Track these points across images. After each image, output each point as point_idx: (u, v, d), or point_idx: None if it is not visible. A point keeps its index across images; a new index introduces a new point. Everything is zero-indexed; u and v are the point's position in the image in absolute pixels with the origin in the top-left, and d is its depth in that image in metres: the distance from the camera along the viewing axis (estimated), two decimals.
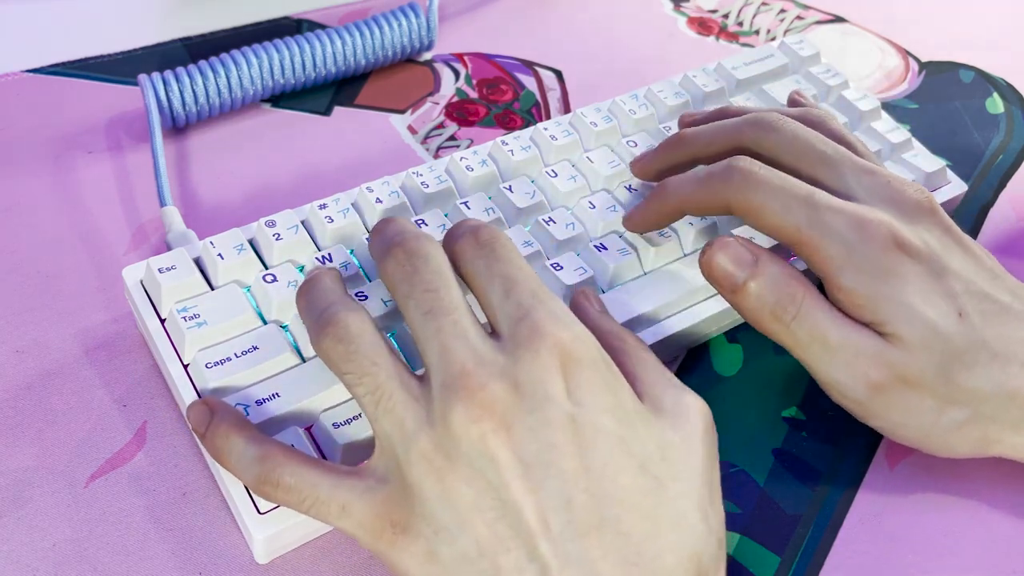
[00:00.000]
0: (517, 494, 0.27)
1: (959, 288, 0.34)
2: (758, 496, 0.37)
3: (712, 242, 0.35)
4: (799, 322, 0.34)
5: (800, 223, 0.34)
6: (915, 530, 0.37)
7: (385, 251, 0.32)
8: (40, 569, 0.33)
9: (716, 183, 0.36)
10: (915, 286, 0.34)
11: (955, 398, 0.34)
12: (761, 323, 0.35)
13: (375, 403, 0.29)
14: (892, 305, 0.34)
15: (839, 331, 0.34)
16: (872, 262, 0.34)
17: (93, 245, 0.43)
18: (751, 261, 0.35)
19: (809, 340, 0.34)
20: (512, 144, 0.43)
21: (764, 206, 0.35)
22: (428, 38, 0.52)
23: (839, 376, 0.34)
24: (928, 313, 0.34)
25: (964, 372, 0.34)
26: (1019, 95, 0.55)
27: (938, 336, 0.33)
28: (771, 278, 0.34)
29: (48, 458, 0.36)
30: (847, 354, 0.34)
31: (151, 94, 0.46)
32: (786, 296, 0.34)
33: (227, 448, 0.31)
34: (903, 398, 0.34)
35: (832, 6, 0.60)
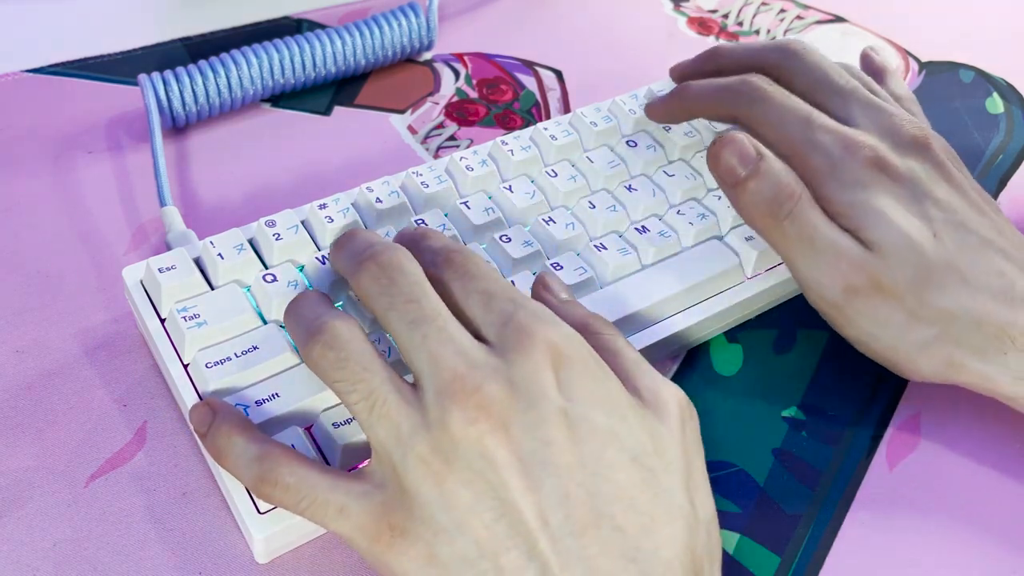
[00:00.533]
0: (516, 493, 0.28)
1: (937, 214, 0.36)
2: (758, 496, 0.37)
3: (719, 138, 0.37)
4: (791, 220, 0.36)
5: (794, 137, 0.37)
6: (915, 530, 0.37)
7: (357, 266, 0.32)
8: (40, 569, 0.33)
9: (729, 92, 0.40)
10: (892, 200, 0.36)
11: (924, 315, 0.35)
12: (754, 218, 0.37)
13: (369, 409, 0.29)
14: (867, 212, 0.35)
15: (826, 233, 0.36)
16: (853, 175, 0.36)
17: (93, 245, 0.43)
18: (754, 158, 0.36)
19: (797, 238, 0.36)
20: (512, 144, 0.43)
21: (765, 119, 0.38)
22: (428, 38, 0.52)
23: (820, 276, 0.36)
24: (904, 226, 0.35)
25: (934, 291, 0.35)
26: (1019, 95, 0.55)
27: (912, 248, 0.35)
28: (771, 175, 0.36)
29: (48, 458, 0.36)
30: (830, 255, 0.35)
31: (151, 94, 0.46)
32: (784, 193, 0.36)
33: (228, 448, 0.31)
34: (876, 307, 0.35)
35: (832, 6, 0.60)
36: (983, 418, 0.40)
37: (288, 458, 0.30)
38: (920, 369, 0.36)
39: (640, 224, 0.41)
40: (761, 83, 0.39)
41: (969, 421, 0.40)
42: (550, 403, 0.29)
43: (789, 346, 0.42)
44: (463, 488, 0.28)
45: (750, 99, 0.39)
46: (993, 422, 0.39)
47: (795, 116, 0.38)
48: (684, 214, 0.42)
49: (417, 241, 0.34)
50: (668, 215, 0.42)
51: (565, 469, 0.28)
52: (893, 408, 0.40)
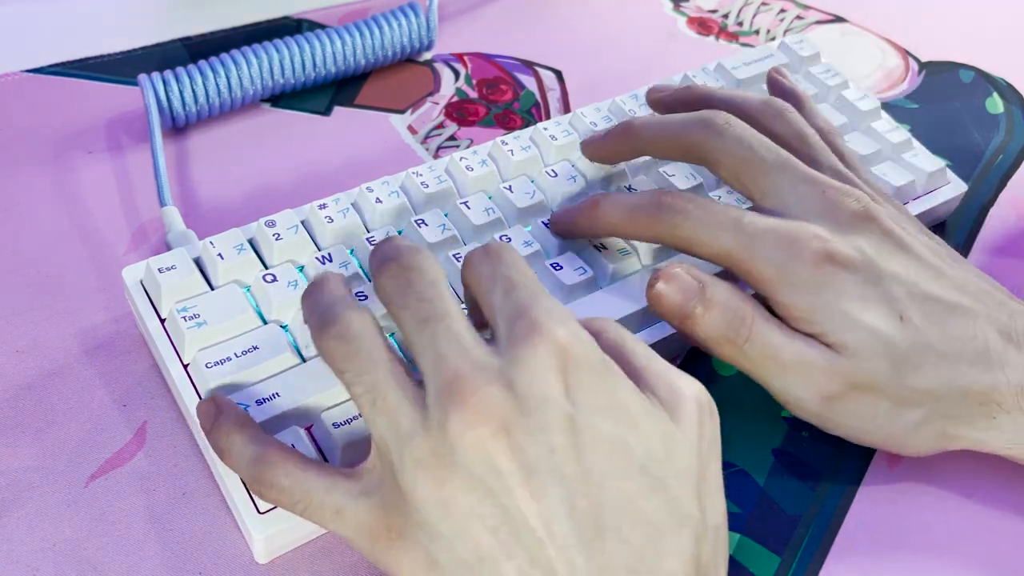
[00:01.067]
0: (521, 500, 0.27)
1: (899, 292, 0.35)
2: (758, 496, 0.37)
3: (656, 274, 0.35)
4: (751, 344, 0.34)
5: (730, 248, 0.35)
6: (915, 530, 0.37)
7: (380, 266, 0.32)
8: (40, 569, 0.33)
9: (644, 218, 0.37)
10: (851, 294, 0.34)
11: (909, 399, 0.34)
12: (715, 348, 0.35)
13: (371, 402, 0.29)
14: (830, 315, 0.34)
15: (790, 347, 0.34)
16: (804, 277, 0.34)
17: (93, 245, 0.43)
18: (697, 289, 0.35)
19: (762, 359, 0.35)
20: (512, 144, 0.43)
21: (693, 238, 0.36)
22: (428, 38, 0.52)
23: (795, 391, 0.35)
24: (867, 319, 0.34)
25: (913, 374, 0.34)
26: (1019, 95, 0.55)
27: (881, 340, 0.34)
28: (719, 304, 0.34)
29: (48, 458, 0.36)
30: (800, 369, 0.34)
31: (151, 94, 0.46)
32: (736, 320, 0.34)
33: (228, 447, 0.31)
34: (859, 405, 0.35)
35: (832, 6, 0.60)
36: None
37: (284, 459, 0.30)
38: (917, 448, 0.36)
39: None
40: (674, 200, 0.36)
41: None
42: (555, 408, 0.28)
43: None
44: (461, 494, 0.27)
45: (670, 220, 0.36)
46: None
47: (723, 226, 0.35)
48: None
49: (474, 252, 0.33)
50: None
51: (571, 479, 0.27)
52: None
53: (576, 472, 0.27)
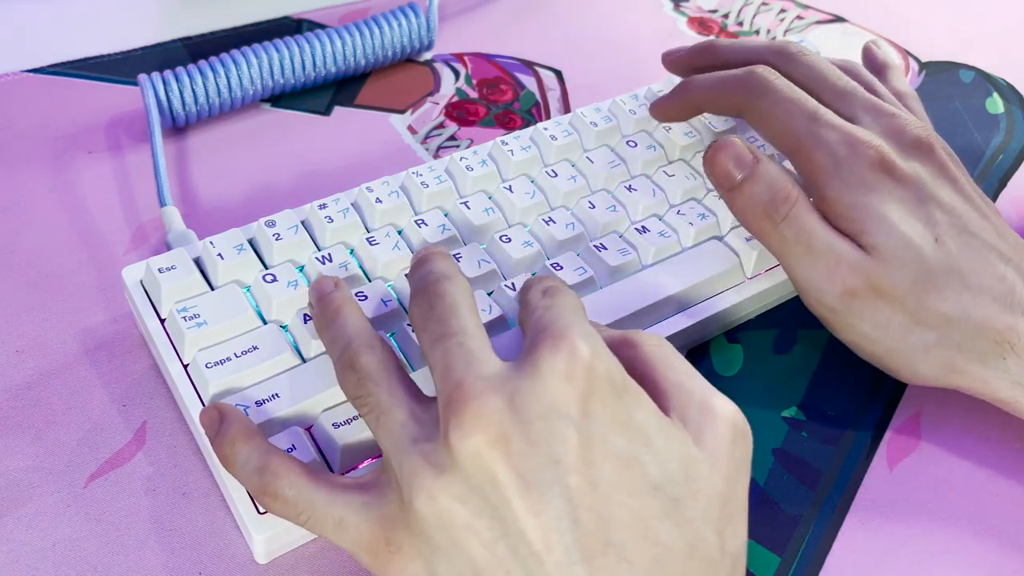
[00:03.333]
0: (519, 513, 0.26)
1: (940, 217, 0.36)
2: (758, 496, 0.37)
3: (715, 143, 0.37)
4: (788, 223, 0.36)
5: (799, 132, 0.37)
6: (915, 530, 0.37)
7: (412, 295, 0.32)
8: (40, 569, 0.33)
9: (734, 85, 0.39)
10: (896, 204, 0.35)
11: (924, 319, 0.35)
12: (751, 221, 0.36)
13: (376, 420, 0.30)
14: (871, 215, 0.35)
15: (823, 236, 0.35)
16: (857, 176, 0.35)
17: (93, 245, 0.43)
18: (751, 161, 0.36)
19: (794, 241, 0.36)
20: (512, 144, 0.43)
21: (770, 113, 0.37)
22: (428, 38, 0.52)
23: (817, 280, 0.35)
24: (904, 228, 0.35)
25: (935, 294, 0.35)
26: (1019, 95, 0.55)
27: (912, 252, 0.35)
28: (768, 178, 0.36)
29: (48, 458, 0.36)
30: (827, 259, 0.35)
31: (151, 94, 0.46)
32: (780, 196, 0.36)
33: (232, 456, 0.31)
34: (875, 309, 0.35)
35: (832, 6, 0.60)
36: (983, 418, 0.40)
37: (288, 470, 0.30)
38: (919, 373, 0.36)
39: (640, 224, 0.41)
40: (767, 75, 0.38)
41: (969, 421, 0.40)
42: (562, 418, 0.27)
43: (789, 346, 0.42)
44: (459, 504, 0.27)
45: (757, 91, 0.38)
46: (993, 422, 0.39)
47: (801, 110, 0.37)
48: (684, 214, 0.42)
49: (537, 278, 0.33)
50: (668, 215, 0.42)
51: (575, 491, 0.26)
52: (893, 408, 0.40)
53: (581, 484, 0.26)
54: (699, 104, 0.42)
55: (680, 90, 0.42)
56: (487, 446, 0.26)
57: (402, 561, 0.28)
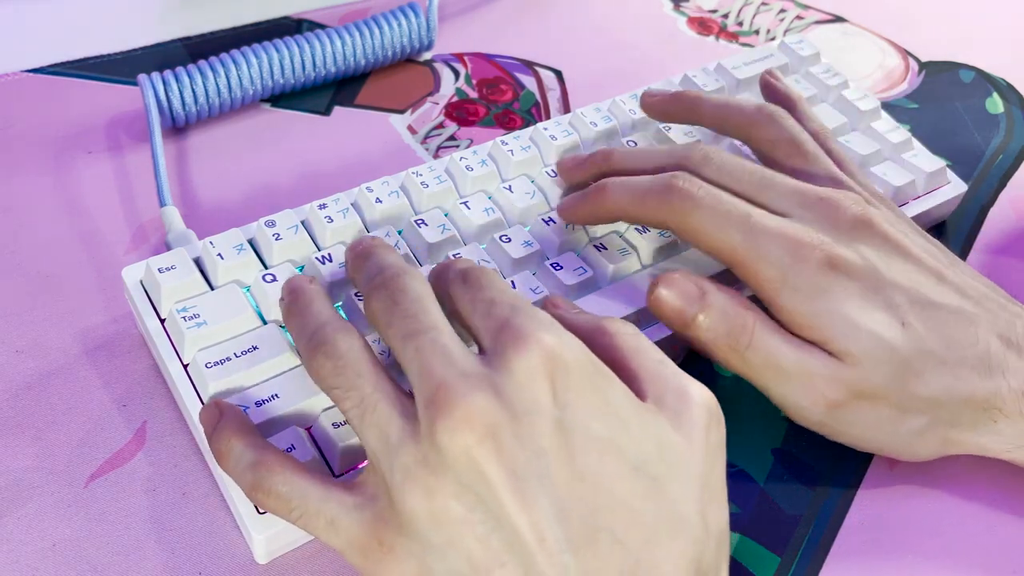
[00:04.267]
0: (510, 507, 0.26)
1: (900, 299, 0.34)
2: (758, 496, 0.37)
3: (657, 279, 0.35)
4: (753, 350, 0.34)
5: (736, 245, 0.35)
6: (915, 530, 0.37)
7: (369, 292, 0.32)
8: (40, 569, 0.33)
9: (654, 201, 0.36)
10: (853, 302, 0.34)
11: (911, 406, 0.34)
12: (716, 354, 0.35)
13: (360, 416, 0.29)
14: (833, 321, 0.34)
15: (792, 354, 0.34)
16: (808, 282, 0.34)
17: (93, 245, 0.43)
18: (698, 295, 0.34)
19: (764, 366, 0.34)
20: (512, 144, 0.43)
21: (701, 229, 0.35)
22: (428, 38, 0.52)
23: (797, 399, 0.35)
24: (870, 325, 0.34)
25: (915, 380, 0.34)
26: (1019, 95, 0.55)
27: (884, 347, 0.34)
28: (720, 310, 0.34)
29: (48, 458, 0.36)
30: (802, 377, 0.34)
31: (151, 94, 0.46)
32: (737, 326, 0.34)
33: (227, 451, 0.31)
34: (861, 412, 0.34)
35: (832, 6, 0.60)
36: None
37: (282, 466, 0.30)
38: (921, 454, 0.36)
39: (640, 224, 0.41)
40: (688, 185, 0.35)
41: None
42: (542, 413, 0.27)
43: None
44: (453, 502, 0.27)
45: (681, 207, 0.35)
46: None
47: (733, 222, 0.35)
48: None
49: (445, 266, 0.34)
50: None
51: (562, 483, 0.27)
52: None
53: (567, 475, 0.27)
54: (616, 216, 0.38)
55: (594, 198, 0.38)
56: (476, 444, 0.27)
57: (394, 561, 0.28)
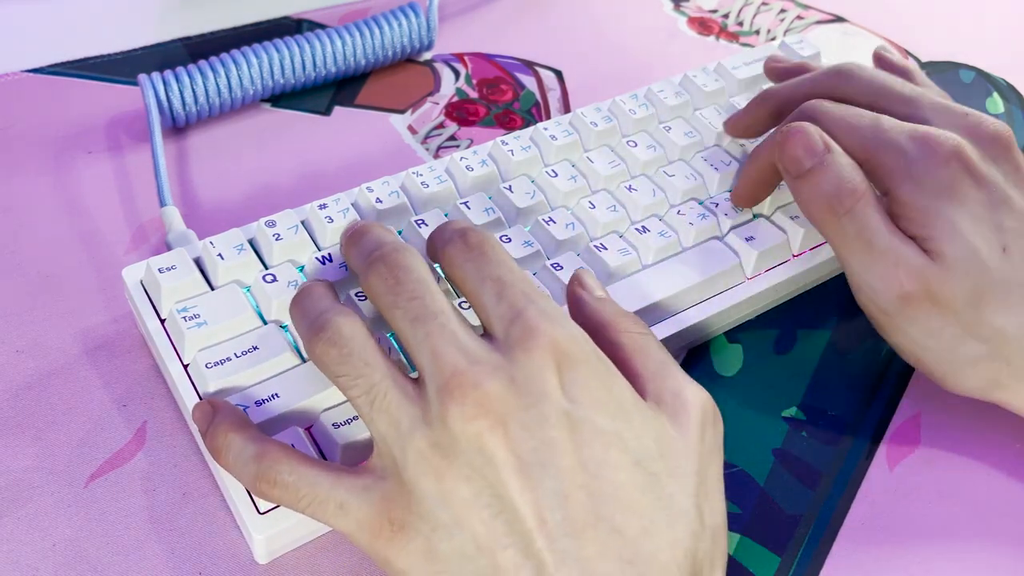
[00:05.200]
0: (514, 491, 0.27)
1: (1011, 225, 0.35)
2: (758, 496, 0.37)
3: (790, 126, 0.36)
4: (851, 217, 0.35)
5: (865, 138, 0.36)
6: (915, 530, 0.37)
7: (366, 267, 0.32)
8: (40, 569, 0.33)
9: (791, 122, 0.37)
10: (968, 209, 0.34)
11: (978, 331, 0.34)
12: (815, 212, 0.36)
13: (370, 403, 0.29)
14: (941, 221, 0.34)
15: (885, 236, 0.34)
16: (932, 175, 0.34)
17: (93, 245, 0.43)
18: (821, 150, 0.35)
19: (855, 237, 0.35)
20: (512, 144, 0.43)
21: (831, 132, 0.36)
22: (428, 38, 0.52)
23: (874, 280, 0.35)
24: (973, 238, 0.34)
25: (993, 307, 0.34)
26: (1019, 95, 0.55)
27: (977, 263, 0.34)
28: (836, 169, 0.35)
29: (48, 458, 0.36)
30: (888, 260, 0.34)
31: (151, 94, 0.46)
32: (846, 189, 0.35)
33: (225, 446, 0.31)
34: (929, 317, 0.34)
35: (832, 6, 0.60)
36: (983, 418, 0.40)
37: (287, 456, 0.30)
38: (964, 384, 0.35)
39: (640, 224, 0.41)
40: (816, 103, 0.38)
41: (969, 421, 0.40)
42: (552, 403, 0.28)
43: (789, 346, 0.42)
44: (462, 484, 0.28)
45: (812, 118, 0.37)
46: (992, 423, 0.39)
47: (864, 121, 0.36)
48: (684, 214, 0.42)
49: (440, 229, 0.34)
50: (668, 215, 0.42)
51: (566, 470, 0.28)
52: (893, 408, 0.40)
53: (571, 464, 0.28)
54: (770, 167, 0.39)
55: (748, 165, 0.41)
56: (488, 430, 0.28)
57: (403, 540, 0.29)
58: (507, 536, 0.27)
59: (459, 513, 0.28)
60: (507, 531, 0.28)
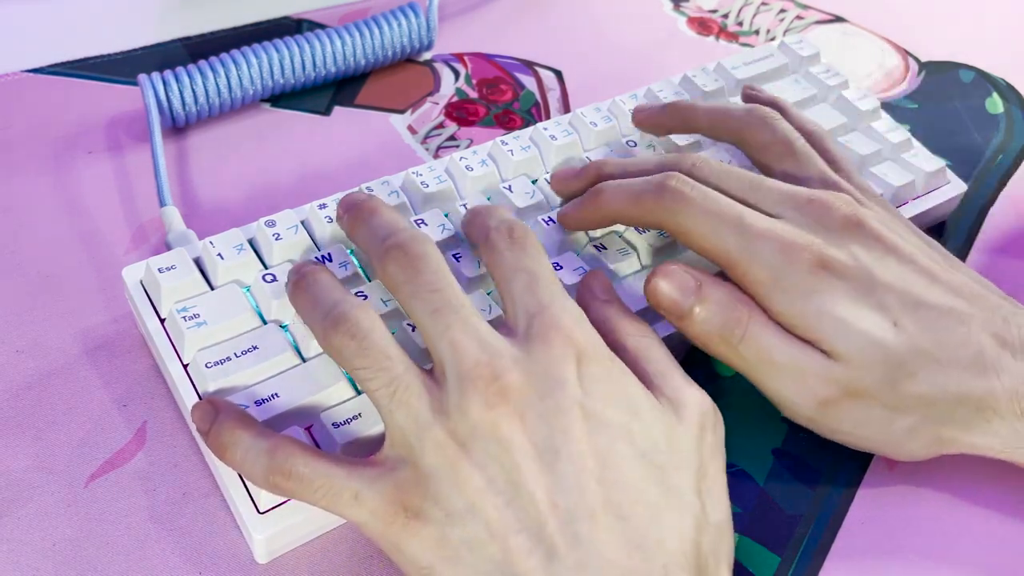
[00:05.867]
0: (528, 476, 0.28)
1: (892, 300, 0.34)
2: (758, 496, 0.37)
3: (655, 270, 0.35)
4: (746, 344, 0.34)
5: (729, 248, 0.35)
6: (915, 530, 0.37)
7: (383, 252, 0.32)
8: (40, 569, 0.33)
9: (648, 202, 0.36)
10: (845, 302, 0.34)
11: (903, 406, 0.34)
12: (710, 346, 0.35)
13: (390, 396, 0.30)
14: (824, 322, 0.34)
15: (785, 350, 0.34)
16: (799, 284, 0.34)
17: (93, 245, 0.43)
18: (694, 287, 0.35)
19: (757, 361, 0.35)
20: (512, 144, 0.43)
21: (694, 230, 0.35)
22: (428, 38, 0.52)
23: (788, 394, 0.35)
24: (862, 326, 0.34)
25: (907, 380, 0.34)
26: (1019, 95, 0.55)
27: (876, 347, 0.34)
28: (716, 303, 0.35)
29: (48, 458, 0.36)
30: (793, 373, 0.34)
31: (151, 94, 0.46)
32: (732, 319, 0.34)
33: (233, 442, 0.31)
34: (853, 411, 0.35)
35: (832, 6, 0.60)
36: None
37: (300, 449, 0.30)
38: (913, 453, 0.35)
39: None
40: (681, 186, 0.35)
41: None
42: (568, 394, 0.30)
43: None
44: (477, 471, 0.29)
45: (674, 208, 0.35)
46: None
47: (725, 223, 0.35)
48: None
49: (488, 212, 0.35)
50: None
51: (578, 457, 0.29)
52: None
53: (583, 451, 0.29)
54: (613, 219, 0.38)
55: (590, 203, 0.38)
56: (506, 418, 0.29)
57: (416, 526, 0.29)
58: (519, 522, 0.28)
59: (473, 500, 0.29)
60: (519, 516, 0.28)
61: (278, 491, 0.31)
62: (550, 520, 0.28)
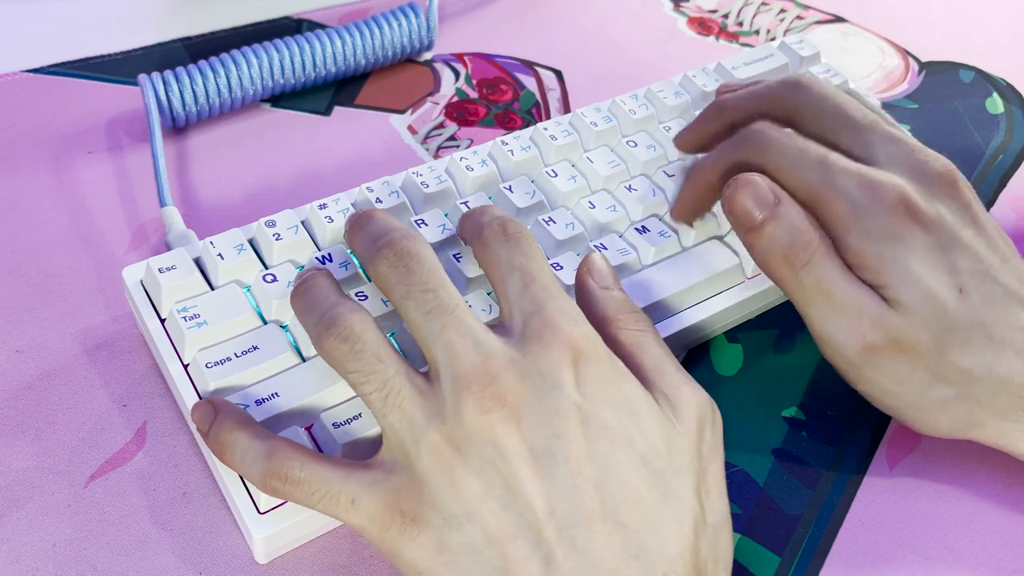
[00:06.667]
0: (525, 481, 0.28)
1: (965, 265, 0.34)
2: (758, 496, 0.37)
3: (737, 178, 0.35)
4: (808, 270, 0.34)
5: (812, 182, 0.35)
6: (915, 530, 0.37)
7: (375, 252, 0.32)
8: (40, 569, 0.33)
9: (734, 150, 0.37)
10: (920, 254, 0.34)
11: (946, 375, 0.34)
12: (771, 266, 0.35)
13: (383, 399, 0.30)
14: (895, 268, 0.34)
15: (845, 287, 0.34)
16: (879, 224, 0.34)
17: (93, 245, 0.43)
18: (771, 202, 0.35)
19: (814, 291, 0.34)
20: (512, 144, 0.43)
21: (778, 166, 0.35)
22: (428, 38, 0.52)
23: (837, 333, 0.34)
24: (929, 282, 0.34)
25: (958, 349, 0.34)
26: (1019, 95, 0.55)
27: (937, 307, 0.33)
28: (789, 221, 0.34)
29: (48, 458, 0.36)
30: (849, 311, 0.34)
31: (151, 94, 0.46)
32: (800, 242, 0.34)
33: (232, 443, 0.31)
34: (895, 365, 0.34)
35: (832, 6, 0.60)
36: None
37: (297, 452, 0.30)
38: (937, 427, 0.35)
39: (640, 224, 0.41)
40: (764, 128, 0.36)
41: None
42: (564, 396, 0.29)
43: (789, 346, 0.42)
44: (473, 476, 0.28)
45: (759, 147, 0.36)
46: None
47: (811, 159, 0.35)
48: None
49: (481, 211, 0.35)
50: (668, 215, 0.42)
51: (575, 462, 0.28)
52: None
53: (580, 456, 0.29)
54: (710, 184, 0.38)
55: (687, 181, 0.40)
56: (502, 422, 0.28)
57: (414, 532, 0.29)
58: (517, 527, 0.28)
59: (470, 505, 0.28)
60: (517, 522, 0.28)
61: (275, 494, 0.31)
62: (547, 526, 0.28)
